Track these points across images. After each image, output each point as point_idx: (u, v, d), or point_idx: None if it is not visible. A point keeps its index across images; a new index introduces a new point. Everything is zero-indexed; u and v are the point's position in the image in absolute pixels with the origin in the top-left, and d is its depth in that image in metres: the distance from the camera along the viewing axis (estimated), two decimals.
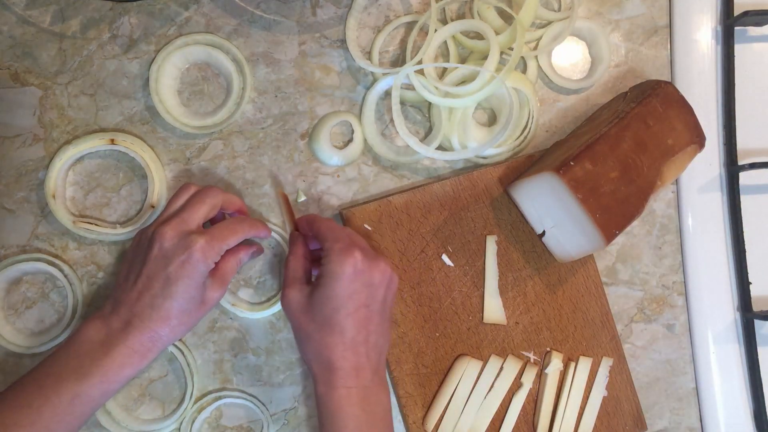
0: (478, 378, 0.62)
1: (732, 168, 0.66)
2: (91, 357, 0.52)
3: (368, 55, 0.65)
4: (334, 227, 0.56)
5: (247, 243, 0.59)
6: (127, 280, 0.55)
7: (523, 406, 0.63)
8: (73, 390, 0.51)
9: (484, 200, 0.63)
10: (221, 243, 0.54)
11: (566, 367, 0.64)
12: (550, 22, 0.66)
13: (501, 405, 0.62)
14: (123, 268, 0.56)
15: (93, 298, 0.63)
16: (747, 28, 0.68)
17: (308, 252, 0.59)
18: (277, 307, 0.63)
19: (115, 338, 0.53)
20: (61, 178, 0.61)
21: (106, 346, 0.52)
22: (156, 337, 0.53)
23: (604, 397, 0.64)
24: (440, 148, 0.63)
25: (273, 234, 0.62)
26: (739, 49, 0.67)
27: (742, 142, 0.67)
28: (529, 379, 0.63)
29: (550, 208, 0.59)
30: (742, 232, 0.66)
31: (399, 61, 0.66)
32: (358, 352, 0.53)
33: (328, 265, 0.54)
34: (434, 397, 0.62)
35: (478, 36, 0.65)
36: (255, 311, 0.62)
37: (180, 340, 0.63)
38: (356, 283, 0.53)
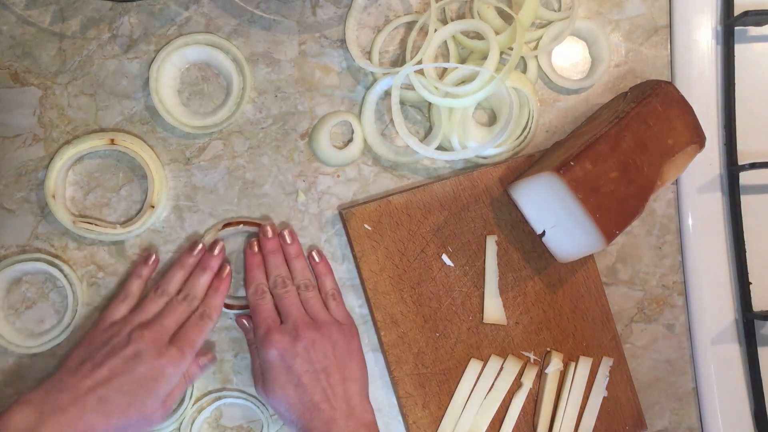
0: (478, 378, 0.62)
1: (732, 168, 0.66)
2: None
3: (368, 55, 0.65)
4: (254, 313, 0.60)
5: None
6: (81, 367, 0.54)
7: (523, 406, 0.63)
8: None
9: (484, 200, 0.63)
10: (191, 348, 0.57)
11: (566, 367, 0.64)
12: (550, 22, 0.66)
13: (501, 405, 0.62)
14: (77, 353, 0.55)
15: (93, 298, 0.63)
16: (747, 28, 0.68)
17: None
18: None
19: (43, 425, 0.49)
20: (61, 178, 0.61)
21: None
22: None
23: (604, 397, 0.64)
24: (440, 148, 0.63)
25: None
26: (739, 49, 0.67)
27: (742, 142, 0.67)
28: (529, 379, 0.63)
29: (550, 208, 0.59)
30: (742, 232, 0.66)
31: (399, 61, 0.66)
32: (320, 409, 0.55)
33: (259, 352, 0.58)
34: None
35: (478, 36, 0.65)
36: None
37: None
38: (284, 361, 0.56)
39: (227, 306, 0.62)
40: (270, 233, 0.61)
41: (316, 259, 0.62)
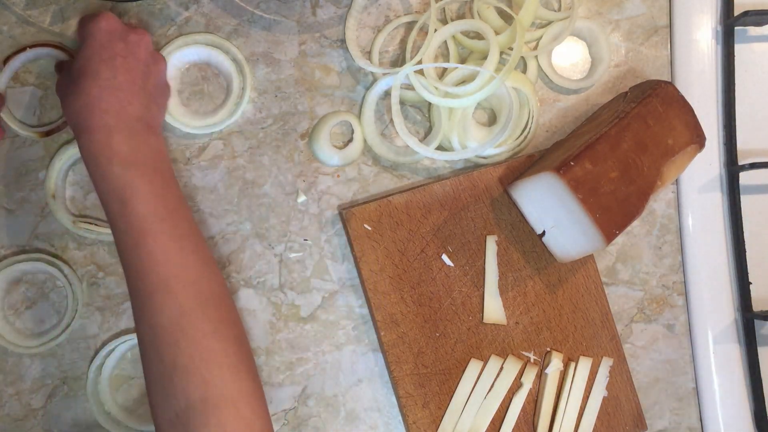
0: (478, 378, 0.62)
1: (732, 168, 0.66)
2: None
3: (368, 55, 0.65)
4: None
5: None
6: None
7: (523, 406, 0.63)
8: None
9: (484, 200, 0.63)
10: None
11: (566, 367, 0.64)
12: (550, 22, 0.66)
13: (501, 405, 0.62)
14: None
15: (93, 298, 0.63)
16: (747, 28, 0.68)
17: None
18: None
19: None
20: (61, 178, 0.61)
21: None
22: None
23: (604, 397, 0.64)
24: (440, 148, 0.63)
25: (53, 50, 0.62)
26: (739, 49, 0.67)
27: (742, 142, 0.67)
28: (529, 379, 0.63)
29: (550, 208, 0.59)
30: (742, 232, 0.66)
31: (399, 61, 0.66)
32: (118, 96, 0.52)
33: (83, 29, 0.55)
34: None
35: (478, 36, 0.65)
36: None
37: None
38: (110, 36, 0.54)
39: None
40: None
41: None
